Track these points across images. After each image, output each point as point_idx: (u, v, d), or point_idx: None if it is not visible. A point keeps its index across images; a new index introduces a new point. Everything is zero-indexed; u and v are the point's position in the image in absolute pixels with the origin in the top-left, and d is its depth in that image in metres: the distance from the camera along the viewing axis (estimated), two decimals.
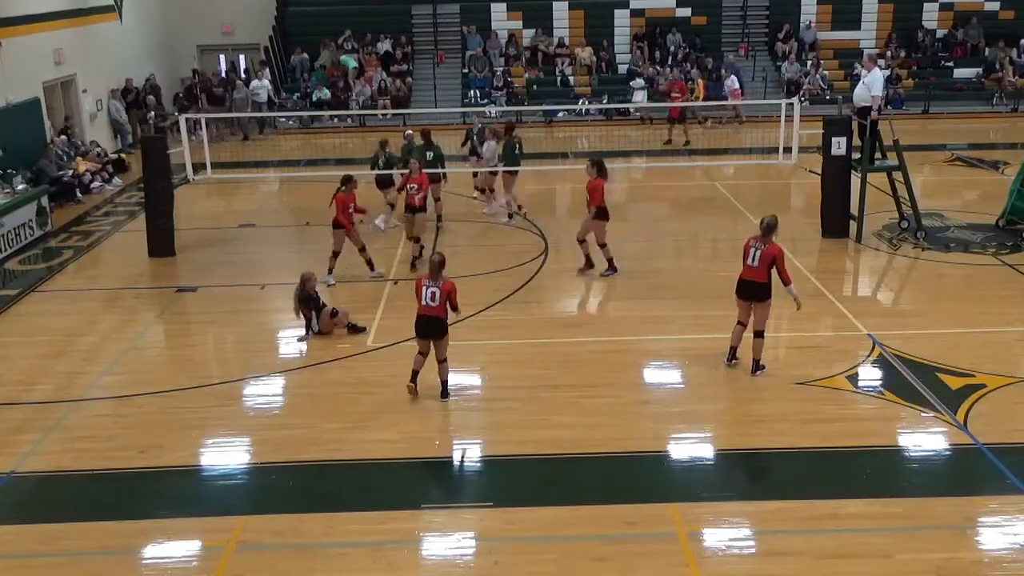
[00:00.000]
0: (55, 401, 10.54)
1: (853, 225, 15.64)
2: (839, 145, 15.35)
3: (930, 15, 30.59)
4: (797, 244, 15.06)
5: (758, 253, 10.32)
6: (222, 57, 30.47)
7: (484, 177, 18.00)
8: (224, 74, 28.81)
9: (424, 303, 9.95)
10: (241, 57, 30.64)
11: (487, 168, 17.61)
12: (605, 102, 27.88)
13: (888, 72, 26.91)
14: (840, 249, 15.39)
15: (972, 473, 8.80)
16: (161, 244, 15.79)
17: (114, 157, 22.93)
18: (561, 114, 27.77)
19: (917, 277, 14.32)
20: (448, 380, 10.24)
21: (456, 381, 10.41)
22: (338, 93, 28.26)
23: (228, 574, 7.47)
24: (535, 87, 28.90)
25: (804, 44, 30.12)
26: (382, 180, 16.93)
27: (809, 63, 29.09)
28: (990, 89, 28.78)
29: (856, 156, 15.67)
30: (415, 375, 10.29)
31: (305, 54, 29.56)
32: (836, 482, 8.58)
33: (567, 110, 27.84)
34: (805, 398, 10.14)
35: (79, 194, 19.86)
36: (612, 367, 11.02)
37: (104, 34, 24.70)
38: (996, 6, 30.49)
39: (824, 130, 15.52)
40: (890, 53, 29.40)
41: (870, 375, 10.71)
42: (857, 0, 30.46)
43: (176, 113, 23.88)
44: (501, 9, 30.39)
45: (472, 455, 9.35)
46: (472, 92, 28.48)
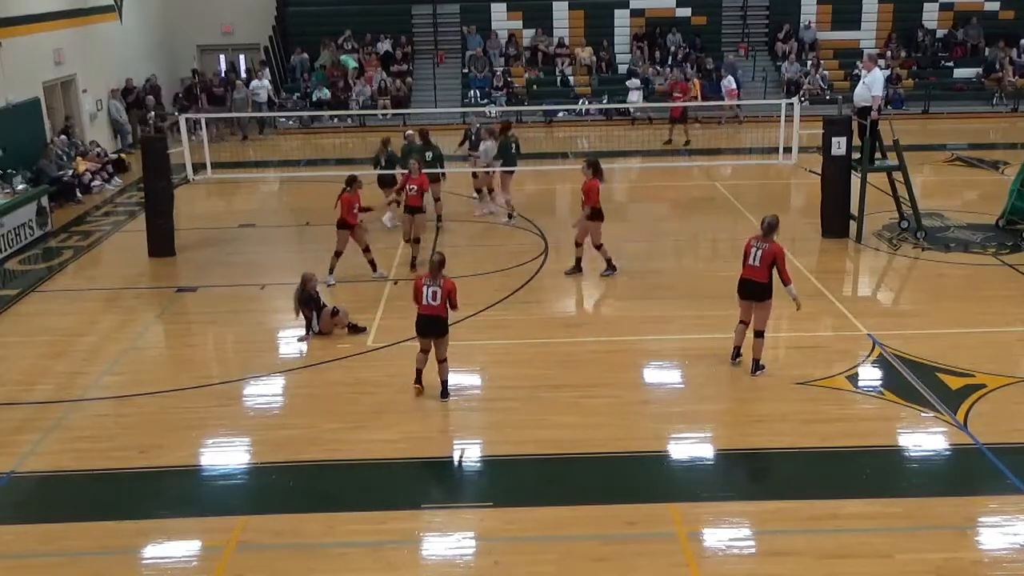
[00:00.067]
0: (55, 401, 10.54)
1: (853, 225, 15.64)
2: (839, 145, 15.36)
3: (930, 15, 30.58)
4: (797, 244, 15.05)
5: (759, 253, 10.33)
6: (222, 57, 30.46)
7: (483, 177, 18.01)
8: (224, 74, 28.79)
9: (425, 302, 9.96)
10: (241, 57, 30.63)
11: (484, 168, 17.62)
12: (605, 102, 27.87)
13: (888, 72, 26.90)
14: (840, 249, 15.39)
15: (972, 473, 8.81)
16: (161, 244, 15.79)
17: (114, 157, 22.92)
18: (561, 114, 27.78)
19: (917, 277, 14.32)
20: (448, 380, 10.24)
21: (456, 381, 10.41)
22: (338, 93, 28.25)
23: (228, 574, 7.47)
24: (535, 87, 28.89)
25: (804, 44, 30.12)
26: (384, 179, 16.97)
27: (809, 63, 29.09)
28: (990, 89, 28.78)
29: (856, 156, 15.67)
30: (419, 374, 10.31)
31: (305, 54, 29.55)
32: (836, 482, 8.58)
33: (567, 110, 27.84)
34: (805, 398, 10.14)
35: (79, 194, 19.86)
36: (612, 367, 11.03)
37: (104, 34, 24.70)
38: (996, 6, 30.48)
39: (824, 130, 15.53)
40: (890, 53, 29.39)
41: (870, 375, 10.71)
42: (857, 0, 30.45)
43: (176, 113, 23.88)
44: (501, 9, 30.39)
45: (472, 455, 9.35)
46: (472, 92, 28.47)
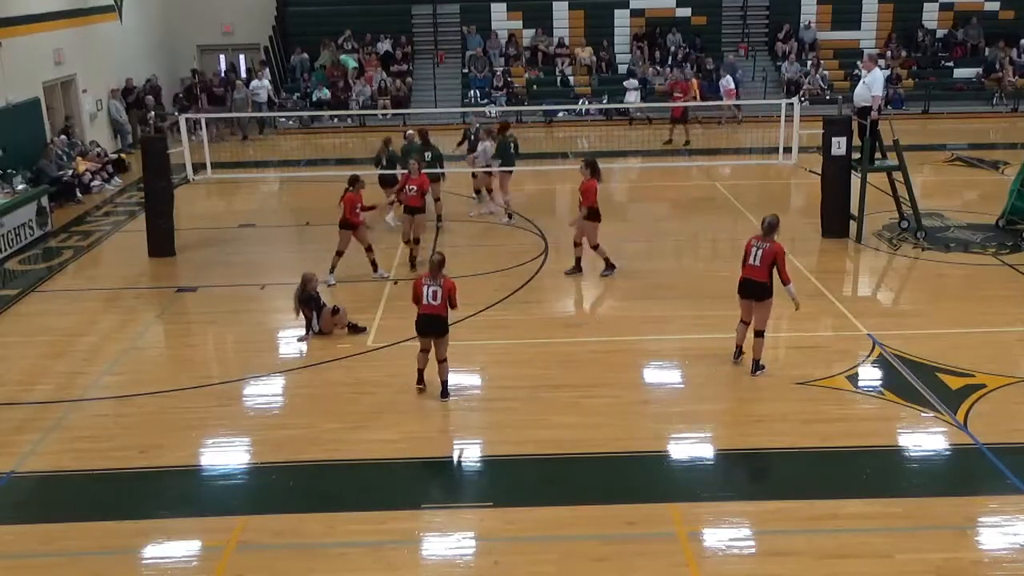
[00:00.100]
0: (55, 401, 10.54)
1: (853, 225, 15.64)
2: (839, 145, 15.36)
3: (930, 15, 30.58)
4: (797, 244, 15.05)
5: (760, 252, 10.32)
6: (222, 57, 30.46)
7: (482, 177, 18.01)
8: (224, 74, 28.79)
9: (425, 302, 9.96)
10: (241, 57, 30.63)
11: (482, 168, 17.62)
12: (605, 102, 27.87)
13: (888, 72, 26.90)
14: (840, 249, 15.39)
15: (972, 473, 8.80)
16: (161, 244, 15.79)
17: (114, 157, 22.91)
18: (561, 114, 27.78)
19: (917, 277, 14.32)
20: (448, 380, 10.24)
21: (456, 381, 10.41)
22: (338, 93, 28.24)
23: (228, 574, 7.47)
24: (535, 87, 28.89)
25: (804, 44, 30.12)
26: (386, 179, 16.97)
27: (809, 63, 29.08)
28: (990, 89, 28.78)
29: (856, 156, 15.67)
30: (421, 374, 10.32)
31: (305, 54, 29.55)
32: (836, 482, 8.58)
33: (567, 110, 27.84)
34: (805, 398, 10.14)
35: (79, 194, 19.86)
36: (612, 367, 11.02)
37: (104, 34, 24.70)
38: (996, 6, 30.48)
39: (824, 130, 15.53)
40: (890, 53, 29.39)
41: (870, 375, 10.71)
42: (857, 0, 30.45)
43: (176, 113, 23.88)
44: (501, 9, 30.39)
45: (472, 455, 9.35)
46: (472, 92, 28.47)
